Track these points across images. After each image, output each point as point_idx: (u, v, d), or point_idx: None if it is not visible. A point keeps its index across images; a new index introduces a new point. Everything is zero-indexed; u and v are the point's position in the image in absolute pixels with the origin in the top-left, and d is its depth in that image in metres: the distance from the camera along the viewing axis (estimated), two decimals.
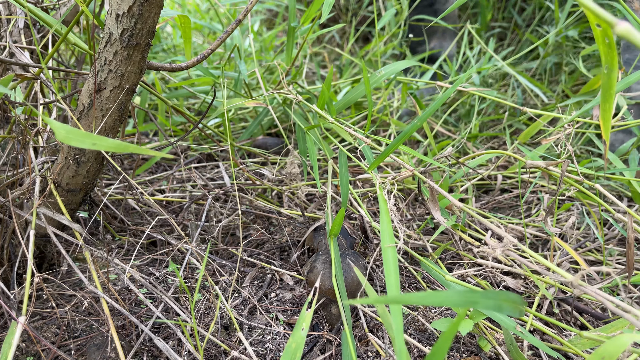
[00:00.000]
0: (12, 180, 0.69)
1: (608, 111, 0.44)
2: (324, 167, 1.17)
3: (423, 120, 0.60)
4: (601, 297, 0.40)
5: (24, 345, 0.63)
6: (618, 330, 0.56)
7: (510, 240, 0.48)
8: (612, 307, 0.38)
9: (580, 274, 0.40)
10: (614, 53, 0.41)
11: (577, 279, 0.41)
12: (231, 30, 0.64)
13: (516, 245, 0.50)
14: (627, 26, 0.29)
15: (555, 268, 0.47)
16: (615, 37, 0.40)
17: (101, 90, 0.60)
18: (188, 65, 0.64)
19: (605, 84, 0.43)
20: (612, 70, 0.43)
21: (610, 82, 0.43)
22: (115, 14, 0.54)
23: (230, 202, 0.97)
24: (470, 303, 0.38)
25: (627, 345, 0.35)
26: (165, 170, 1.15)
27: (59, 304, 0.70)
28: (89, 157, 0.65)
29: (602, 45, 0.41)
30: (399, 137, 0.61)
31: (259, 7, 2.07)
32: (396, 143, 0.61)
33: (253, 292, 0.76)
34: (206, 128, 0.99)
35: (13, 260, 0.70)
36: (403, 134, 0.61)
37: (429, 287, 0.80)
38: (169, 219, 0.66)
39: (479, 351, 0.65)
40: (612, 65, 0.42)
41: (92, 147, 0.30)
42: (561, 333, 0.70)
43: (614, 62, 0.42)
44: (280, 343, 0.66)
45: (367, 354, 0.65)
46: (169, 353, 0.58)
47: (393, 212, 0.62)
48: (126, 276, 0.67)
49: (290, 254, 0.86)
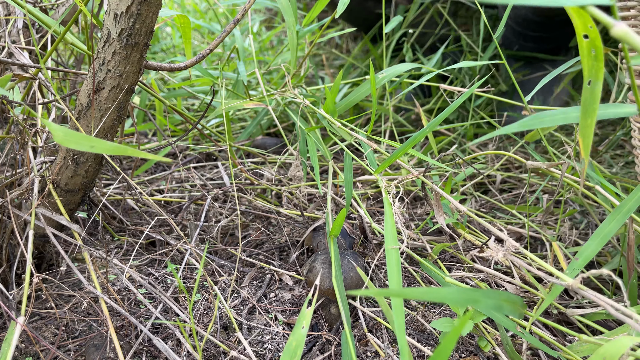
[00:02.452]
0: (10, 180, 0.69)
1: (589, 127, 0.42)
2: (323, 167, 1.17)
3: (433, 127, 0.60)
4: (602, 302, 0.40)
5: (23, 345, 0.63)
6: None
7: (513, 245, 0.48)
8: (613, 311, 0.38)
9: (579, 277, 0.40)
10: (600, 65, 0.40)
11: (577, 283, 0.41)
12: (230, 29, 0.64)
13: (517, 249, 0.50)
14: (624, 28, 0.28)
15: (556, 272, 0.47)
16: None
17: (100, 90, 0.59)
18: (187, 65, 0.64)
19: (588, 99, 0.41)
20: (597, 84, 0.41)
21: (593, 97, 0.41)
22: (113, 13, 0.54)
23: (229, 202, 0.97)
24: (471, 301, 0.38)
25: (627, 347, 0.35)
26: (164, 170, 1.15)
27: (58, 305, 0.70)
28: (88, 158, 0.65)
29: (588, 58, 0.40)
30: (408, 142, 0.61)
31: (258, 7, 2.07)
32: (404, 148, 0.61)
33: (252, 292, 0.76)
34: (205, 128, 0.99)
35: (12, 261, 0.69)
36: (412, 140, 0.60)
37: (430, 283, 0.80)
38: (168, 219, 0.66)
39: (478, 351, 0.65)
40: (597, 77, 0.40)
41: (90, 149, 0.30)
42: (564, 338, 0.70)
43: (599, 75, 0.40)
44: (280, 343, 0.66)
45: (366, 354, 0.65)
46: (168, 353, 0.58)
47: (397, 215, 0.62)
48: (125, 276, 0.67)
49: (289, 254, 0.86)
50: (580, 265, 0.51)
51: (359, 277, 0.67)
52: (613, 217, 0.50)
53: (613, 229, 0.50)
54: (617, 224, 0.49)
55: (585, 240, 0.90)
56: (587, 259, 0.50)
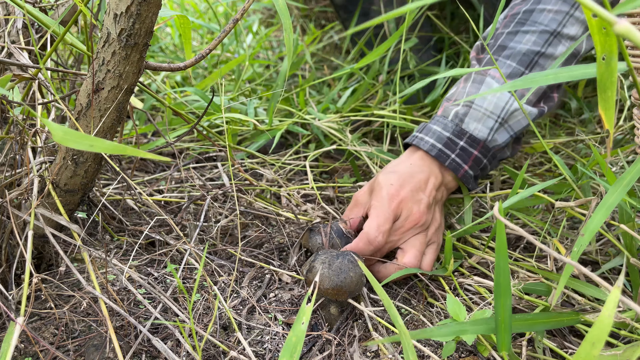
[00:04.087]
0: (10, 180, 0.69)
1: (610, 100, 0.44)
2: (323, 167, 1.17)
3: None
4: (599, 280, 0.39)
5: (22, 345, 0.63)
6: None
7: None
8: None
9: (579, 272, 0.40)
10: (613, 40, 0.41)
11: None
12: (229, 29, 0.64)
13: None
14: (627, 24, 0.28)
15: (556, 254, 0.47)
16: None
17: (99, 91, 0.59)
18: (186, 65, 0.64)
19: (604, 73, 0.43)
20: (612, 57, 0.42)
21: (610, 70, 0.42)
22: (113, 13, 0.54)
23: (229, 202, 0.97)
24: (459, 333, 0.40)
25: (609, 325, 0.35)
26: (163, 171, 1.15)
27: (57, 305, 0.70)
28: (87, 158, 0.65)
29: (599, 35, 0.41)
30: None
31: (257, 7, 2.07)
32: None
33: (252, 293, 0.76)
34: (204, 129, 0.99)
35: (11, 261, 0.69)
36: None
37: (430, 282, 0.80)
38: (168, 219, 0.66)
39: (477, 351, 0.65)
40: (612, 52, 0.42)
41: (89, 148, 0.30)
42: (564, 339, 0.70)
43: (613, 49, 0.42)
44: (279, 343, 0.66)
45: (365, 354, 0.65)
46: (167, 354, 0.58)
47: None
48: (124, 276, 0.67)
49: (289, 254, 0.86)
50: (586, 240, 0.51)
51: (359, 277, 0.67)
52: (615, 189, 0.50)
53: (615, 200, 0.49)
54: (619, 196, 0.49)
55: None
56: (592, 233, 0.50)
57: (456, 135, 0.84)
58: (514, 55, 0.86)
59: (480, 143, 0.83)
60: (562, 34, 0.85)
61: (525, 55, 0.85)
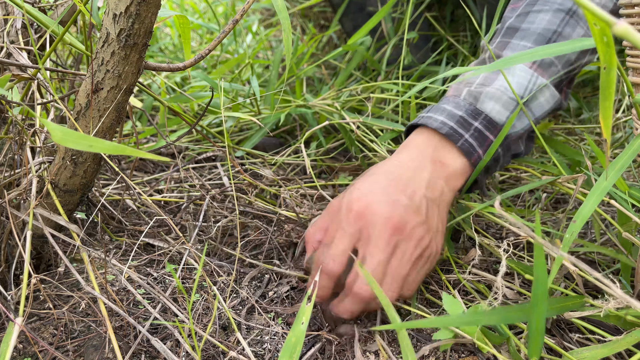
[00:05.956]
0: (9, 180, 0.69)
1: (608, 109, 0.44)
2: (323, 167, 1.17)
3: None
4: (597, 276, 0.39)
5: (21, 346, 0.63)
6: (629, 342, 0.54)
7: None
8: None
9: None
10: (612, 51, 0.42)
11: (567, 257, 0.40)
12: (229, 30, 0.64)
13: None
14: (625, 25, 0.29)
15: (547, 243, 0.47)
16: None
17: (98, 91, 0.59)
18: (186, 65, 0.64)
19: (605, 83, 0.44)
20: (611, 69, 0.43)
21: (609, 81, 0.43)
22: (112, 13, 0.54)
23: (228, 202, 0.97)
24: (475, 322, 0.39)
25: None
26: (163, 171, 1.15)
27: (56, 305, 0.70)
28: (87, 158, 0.65)
29: (601, 44, 0.42)
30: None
31: (256, 7, 2.07)
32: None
33: (251, 292, 0.76)
34: (203, 129, 0.99)
35: (10, 261, 0.69)
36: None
37: (430, 280, 0.80)
38: (167, 220, 0.66)
39: (477, 351, 0.65)
40: (611, 64, 0.42)
41: (88, 149, 0.30)
42: (563, 339, 0.70)
43: (612, 61, 0.42)
44: (279, 343, 0.66)
45: (366, 354, 0.65)
46: (166, 354, 0.58)
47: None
48: (124, 277, 0.67)
49: (289, 254, 0.86)
50: (578, 226, 0.50)
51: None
52: (610, 171, 0.50)
53: (608, 185, 0.49)
54: (611, 180, 0.49)
55: (584, 238, 0.90)
56: (584, 219, 0.50)
57: (470, 115, 0.72)
58: (528, 36, 0.75)
59: (497, 127, 0.72)
60: (579, 14, 0.75)
61: (541, 35, 0.75)
